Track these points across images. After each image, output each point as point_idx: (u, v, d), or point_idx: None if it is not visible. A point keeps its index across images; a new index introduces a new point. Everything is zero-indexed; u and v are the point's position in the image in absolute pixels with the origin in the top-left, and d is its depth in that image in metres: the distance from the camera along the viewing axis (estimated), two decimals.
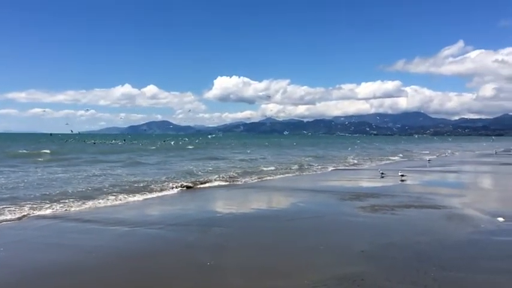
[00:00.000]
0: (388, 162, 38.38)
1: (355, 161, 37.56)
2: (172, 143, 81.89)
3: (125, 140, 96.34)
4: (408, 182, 21.51)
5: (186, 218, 12.40)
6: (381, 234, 10.32)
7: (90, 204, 14.28)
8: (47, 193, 16.08)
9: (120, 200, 15.34)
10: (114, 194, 16.32)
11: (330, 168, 30.25)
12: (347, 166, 33.27)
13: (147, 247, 9.32)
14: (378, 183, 21.24)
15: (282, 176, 24.77)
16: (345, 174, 26.62)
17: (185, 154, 47.27)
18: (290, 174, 25.73)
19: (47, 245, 9.57)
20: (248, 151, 55.21)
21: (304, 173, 26.78)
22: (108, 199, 15.26)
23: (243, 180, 21.76)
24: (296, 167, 30.67)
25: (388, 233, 10.46)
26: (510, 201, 14.80)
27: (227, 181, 21.10)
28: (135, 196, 15.98)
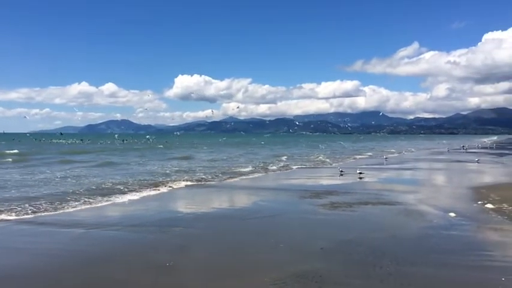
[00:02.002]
0: (353, 160, 39.18)
1: (328, 160, 38.10)
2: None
3: (82, 140, 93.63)
4: (366, 179, 22.08)
5: (146, 218, 12.17)
6: (340, 231, 10.55)
7: (46, 206, 13.66)
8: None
9: (83, 202, 14.64)
10: (75, 196, 15.67)
11: (295, 167, 30.57)
12: (319, 165, 33.70)
13: (103, 249, 9.10)
14: (337, 181, 21.67)
15: (251, 176, 24.72)
16: (307, 173, 26.99)
17: (149, 154, 46.36)
18: (259, 174, 25.65)
19: None
20: (209, 149, 54.94)
21: (269, 172, 26.85)
22: (67, 202, 14.52)
23: (211, 180, 21.57)
24: (277, 166, 30.80)
25: (346, 229, 10.70)
26: (461, 197, 15.46)
27: (194, 181, 20.84)
28: (96, 198, 15.36)
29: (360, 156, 44.94)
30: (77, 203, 14.36)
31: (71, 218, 12.11)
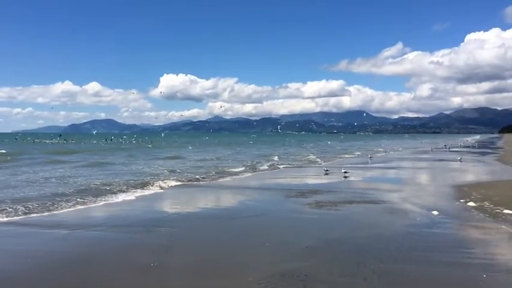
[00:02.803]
0: (342, 159, 39.41)
1: (318, 159, 38.23)
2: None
3: (65, 140, 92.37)
4: (351, 178, 22.25)
5: (131, 219, 12.07)
6: (325, 229, 10.61)
7: (31, 207, 13.32)
8: None
9: (68, 203, 14.28)
10: (60, 197, 15.33)
11: (282, 166, 30.64)
12: (309, 164, 33.81)
13: (87, 250, 8.98)
14: (322, 180, 21.79)
15: (239, 176, 24.67)
16: (293, 172, 27.07)
17: (137, 154, 45.92)
18: (247, 174, 25.57)
19: None
20: (196, 149, 54.72)
21: (256, 172, 26.81)
22: (52, 203, 14.12)
23: (198, 180, 21.44)
24: (265, 166, 30.78)
25: (331, 228, 10.78)
26: (444, 196, 15.68)
27: (181, 181, 20.68)
28: (83, 199, 15.05)
29: (348, 156, 45.32)
30: (62, 204, 14.06)
31: (55, 219, 11.92)
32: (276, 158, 38.94)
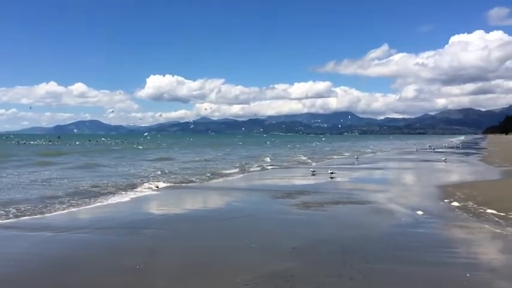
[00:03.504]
0: (332, 159, 39.60)
1: (309, 160, 38.36)
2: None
3: (49, 141, 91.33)
4: (337, 179, 22.38)
5: (116, 221, 11.96)
6: (311, 230, 10.65)
7: (15, 210, 13.04)
8: None
9: (54, 205, 14.02)
10: (46, 200, 15.06)
11: (270, 167, 30.67)
12: (300, 165, 33.90)
13: (71, 252, 8.88)
14: (309, 181, 21.88)
15: (229, 177, 24.60)
16: (281, 173, 27.13)
17: (127, 155, 45.55)
18: (237, 175, 25.49)
19: None
20: (180, 150, 54.48)
21: (245, 173, 26.75)
22: (39, 205, 13.85)
23: (186, 182, 21.25)
24: (254, 167, 30.72)
25: (318, 229, 10.82)
26: (429, 196, 15.87)
27: (169, 183, 20.50)
28: (70, 201, 14.76)
29: (336, 156, 45.61)
30: (47, 207, 13.77)
31: (39, 222, 11.72)
32: (267, 159, 38.87)
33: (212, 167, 30.47)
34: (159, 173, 25.34)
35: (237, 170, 28.27)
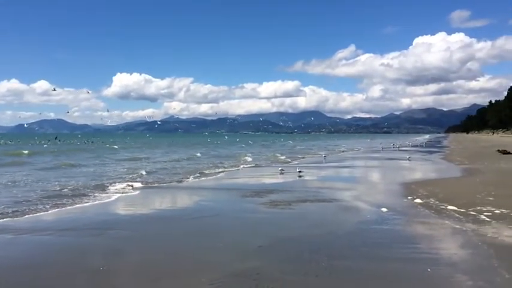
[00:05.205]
0: (306, 158, 39.88)
1: (288, 159, 38.46)
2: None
3: (11, 141, 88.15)
4: (306, 177, 22.60)
5: (81, 222, 11.61)
6: (278, 228, 10.70)
7: None
8: None
9: (15, 207, 13.51)
10: (10, 201, 14.60)
11: (241, 167, 30.62)
12: (279, 163, 33.93)
13: (33, 254, 8.60)
14: (278, 180, 22.01)
15: (197, 179, 24.36)
16: (249, 172, 27.13)
17: (97, 155, 44.40)
18: (211, 175, 25.31)
19: None
20: (151, 150, 53.72)
21: (219, 173, 26.56)
22: (3, 206, 13.40)
23: (156, 182, 20.78)
24: (225, 166, 30.51)
25: (285, 227, 10.88)
26: (393, 193, 16.23)
27: (139, 183, 19.98)
28: (34, 203, 14.26)
29: (310, 156, 45.92)
30: (8, 209, 13.17)
31: None
32: (249, 158, 38.83)
33: (188, 166, 30.15)
34: (130, 173, 24.85)
35: (214, 170, 27.90)
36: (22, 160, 36.82)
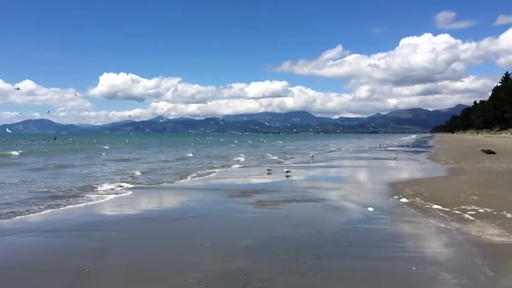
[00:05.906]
0: (297, 158, 39.94)
1: (281, 159, 38.47)
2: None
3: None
4: (293, 177, 22.66)
5: (67, 223, 11.47)
6: (266, 228, 10.72)
7: None
8: None
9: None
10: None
11: (232, 167, 30.57)
12: (273, 163, 33.91)
13: (17, 256, 8.49)
14: (265, 180, 22.03)
15: (186, 179, 24.27)
16: (237, 172, 27.12)
17: (86, 156, 44.01)
18: (199, 177, 25.26)
19: None
20: (140, 150, 53.37)
21: (211, 173, 26.51)
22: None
23: (143, 184, 20.45)
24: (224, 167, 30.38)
25: (272, 227, 10.90)
26: (379, 193, 16.37)
27: (127, 184, 19.75)
28: (19, 204, 14.12)
29: (302, 156, 45.98)
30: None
31: None
32: (242, 159, 38.73)
33: (177, 167, 30.01)
34: (118, 174, 24.65)
35: (204, 170, 27.80)
36: (16, 161, 36.24)
